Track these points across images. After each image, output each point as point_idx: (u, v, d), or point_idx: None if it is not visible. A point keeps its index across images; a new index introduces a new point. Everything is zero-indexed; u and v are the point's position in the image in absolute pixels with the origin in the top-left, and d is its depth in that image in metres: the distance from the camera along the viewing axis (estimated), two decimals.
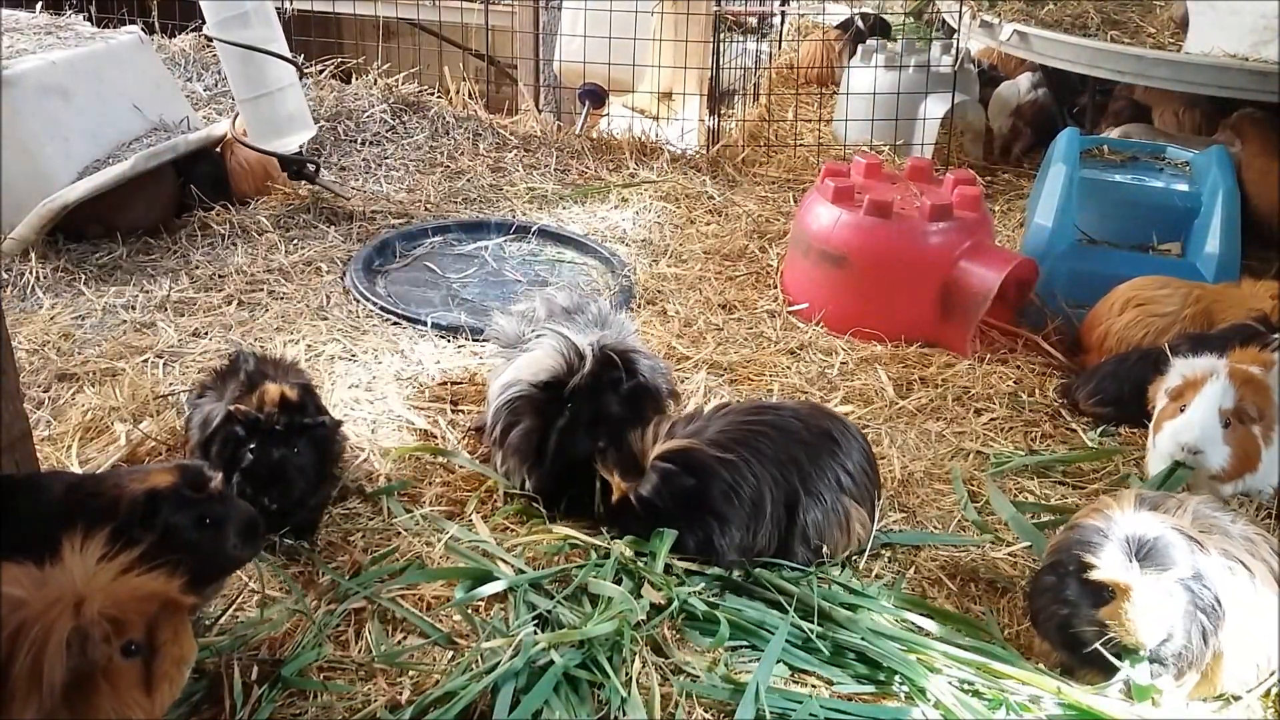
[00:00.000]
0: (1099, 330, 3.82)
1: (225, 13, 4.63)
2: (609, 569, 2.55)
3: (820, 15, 9.17)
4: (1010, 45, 5.51)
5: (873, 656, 2.37)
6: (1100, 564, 2.24)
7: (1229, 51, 4.81)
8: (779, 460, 2.69)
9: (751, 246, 4.82)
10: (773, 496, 2.64)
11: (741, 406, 2.90)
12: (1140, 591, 2.20)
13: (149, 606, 1.81)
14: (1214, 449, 2.96)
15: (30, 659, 1.66)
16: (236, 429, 2.60)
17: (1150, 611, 2.20)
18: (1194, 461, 2.98)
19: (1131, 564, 2.22)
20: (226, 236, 4.62)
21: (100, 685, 1.72)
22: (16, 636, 1.67)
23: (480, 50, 7.24)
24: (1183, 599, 2.23)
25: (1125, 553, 2.24)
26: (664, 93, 6.21)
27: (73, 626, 1.69)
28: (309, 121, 4.99)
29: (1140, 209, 4.50)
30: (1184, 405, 3.02)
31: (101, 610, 1.73)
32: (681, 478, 2.61)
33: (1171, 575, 2.21)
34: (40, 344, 3.65)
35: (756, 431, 2.72)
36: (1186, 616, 2.23)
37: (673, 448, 2.65)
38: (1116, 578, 2.22)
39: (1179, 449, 2.99)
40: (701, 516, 2.61)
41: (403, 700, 2.20)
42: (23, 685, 1.66)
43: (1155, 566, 2.22)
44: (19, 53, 4.64)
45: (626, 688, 2.19)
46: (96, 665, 1.71)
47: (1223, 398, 2.96)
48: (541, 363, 2.87)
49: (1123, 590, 2.22)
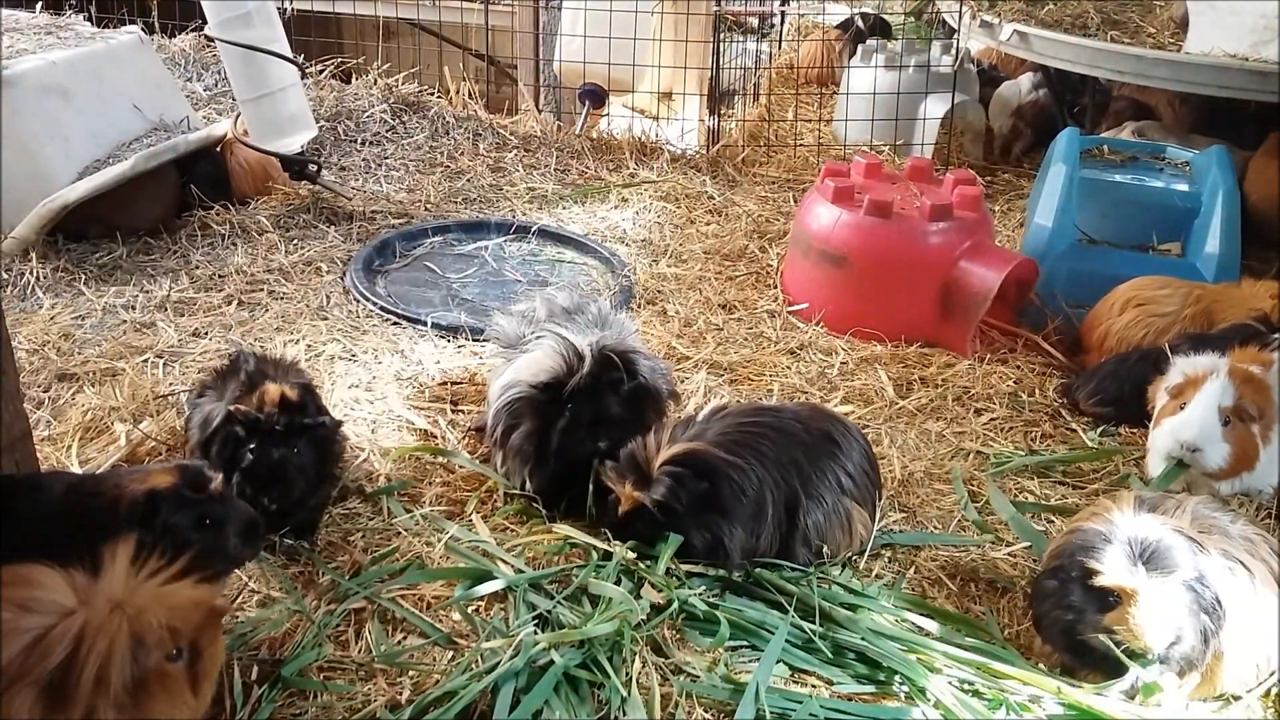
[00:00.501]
0: (1099, 330, 3.82)
1: (227, 13, 4.63)
2: (611, 570, 2.54)
3: (820, 15, 9.17)
4: (1010, 45, 5.50)
5: (873, 656, 2.37)
6: (1104, 569, 2.23)
7: (1229, 51, 4.81)
8: (780, 462, 2.68)
9: (751, 246, 4.82)
10: (774, 499, 2.64)
11: (739, 409, 2.88)
12: (1147, 596, 2.19)
13: (197, 614, 1.88)
14: (1213, 447, 2.96)
15: (95, 667, 1.71)
16: (236, 429, 2.60)
17: (1158, 615, 2.19)
18: (1192, 459, 2.98)
19: (1136, 568, 2.21)
20: (226, 236, 4.62)
21: (154, 690, 1.78)
22: (78, 646, 1.72)
23: (480, 50, 7.24)
24: (1186, 600, 2.22)
25: (1129, 556, 2.23)
26: (664, 93, 6.21)
27: (131, 634, 1.74)
28: (310, 121, 4.99)
29: (1140, 209, 4.50)
30: (1184, 403, 3.02)
31: (160, 619, 1.79)
32: (694, 481, 2.58)
33: (1177, 578, 2.21)
34: (40, 344, 3.65)
35: (757, 434, 2.72)
36: (1190, 616, 2.22)
37: (680, 452, 2.63)
38: (1122, 583, 2.21)
39: (1177, 446, 2.99)
40: (712, 518, 2.59)
41: (403, 700, 2.20)
42: (86, 691, 1.71)
43: (1160, 569, 2.21)
44: (19, 53, 4.64)
45: (626, 688, 2.19)
46: (150, 671, 1.77)
47: (1222, 396, 2.96)
48: (541, 364, 2.87)
49: (1129, 595, 2.21)
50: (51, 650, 1.71)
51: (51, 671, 1.70)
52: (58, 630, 1.73)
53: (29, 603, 1.76)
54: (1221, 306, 3.68)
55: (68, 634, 1.72)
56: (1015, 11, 5.78)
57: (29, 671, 1.70)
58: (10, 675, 1.69)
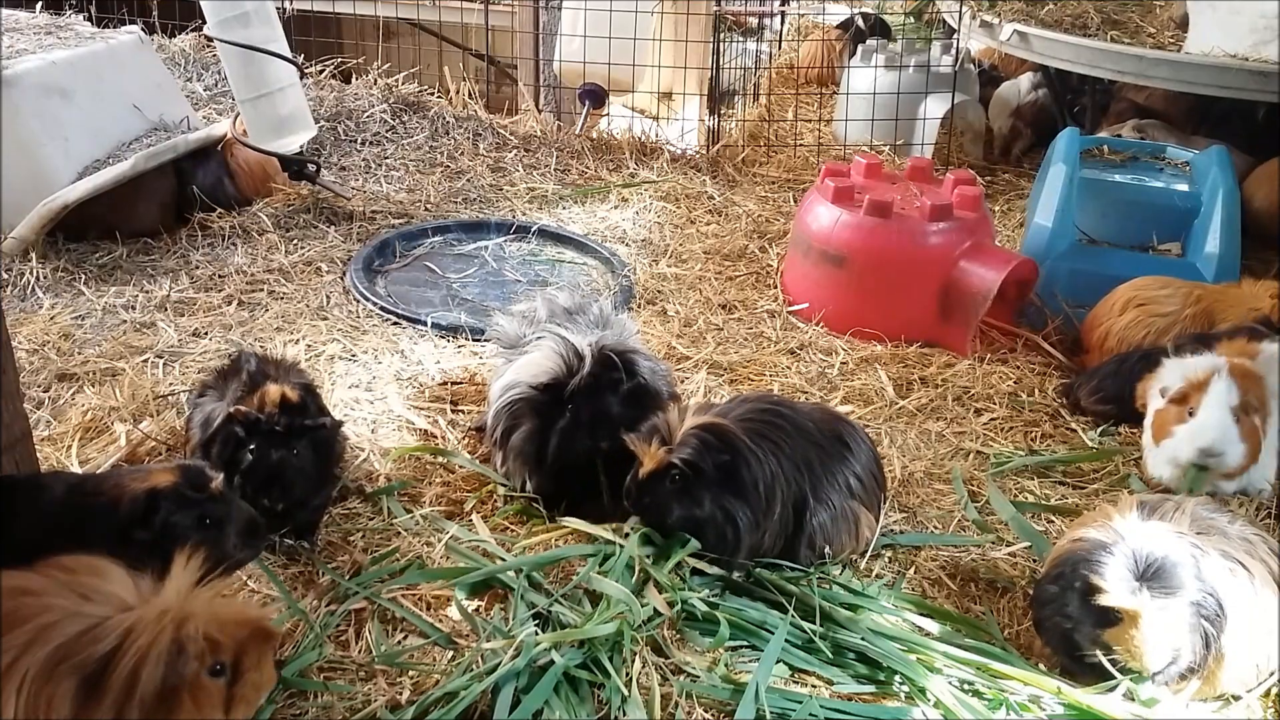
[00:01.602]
0: (1100, 330, 3.82)
1: (226, 13, 4.63)
2: (619, 562, 2.52)
3: (820, 15, 9.17)
4: (1010, 45, 5.50)
5: (873, 657, 2.37)
6: (1108, 587, 2.19)
7: (1229, 51, 4.81)
8: (795, 462, 2.66)
9: (751, 246, 4.83)
10: (783, 498, 2.63)
11: (758, 394, 2.85)
12: (1150, 619, 2.17)
13: (242, 632, 1.87)
14: (1233, 447, 2.98)
15: (131, 664, 1.72)
16: (236, 429, 2.60)
17: (1159, 639, 2.18)
18: (1215, 463, 2.98)
19: (1140, 590, 2.18)
20: (226, 236, 4.62)
21: (184, 700, 1.78)
22: (124, 641, 1.73)
23: (480, 50, 7.24)
24: (1189, 616, 2.20)
25: (1132, 572, 2.19)
26: (664, 93, 6.21)
27: (171, 639, 1.75)
28: (309, 122, 4.99)
29: (1140, 209, 4.50)
30: (1192, 408, 3.01)
31: (201, 629, 1.79)
32: (718, 451, 2.56)
33: (1181, 599, 2.18)
34: (40, 344, 3.65)
35: (778, 426, 2.70)
36: (1192, 630, 2.21)
37: (705, 422, 2.61)
38: (1125, 605, 2.18)
39: (1199, 454, 2.98)
40: (728, 497, 2.57)
41: (403, 700, 2.20)
42: (117, 686, 1.72)
43: (1163, 590, 2.18)
44: (19, 53, 4.63)
45: (627, 688, 2.19)
46: (185, 680, 1.77)
47: (1229, 395, 2.96)
48: (540, 365, 2.87)
49: (1131, 617, 2.19)
50: (99, 640, 1.73)
51: (95, 662, 1.72)
52: (111, 622, 1.75)
53: (92, 592, 1.80)
54: (1222, 306, 3.68)
55: (118, 628, 1.74)
56: (1015, 11, 5.78)
57: (74, 656, 1.72)
58: (59, 656, 1.72)
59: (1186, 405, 3.03)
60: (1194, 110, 5.76)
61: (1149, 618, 2.18)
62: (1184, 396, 3.04)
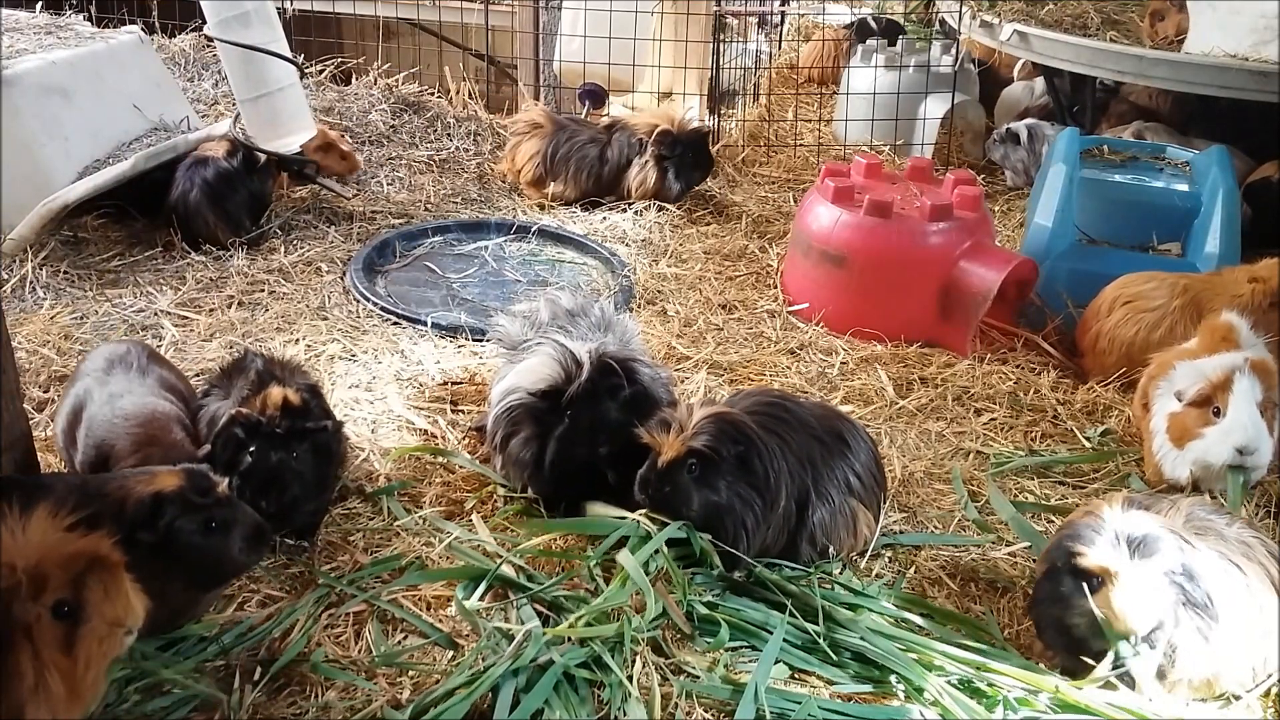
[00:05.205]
0: (1090, 334, 3.81)
1: (226, 13, 4.63)
2: (649, 546, 2.50)
3: (820, 15, 9.16)
4: (1010, 45, 5.51)
5: (872, 657, 2.37)
6: (1087, 550, 2.27)
7: (1229, 51, 4.81)
8: (799, 458, 2.67)
9: (751, 246, 4.83)
10: (787, 492, 2.63)
11: (760, 389, 2.85)
12: (1127, 576, 2.22)
13: (74, 564, 1.74)
14: (1265, 444, 2.98)
15: None
16: (237, 431, 2.59)
17: (1138, 595, 2.22)
18: (1251, 461, 2.97)
19: (1119, 547, 2.24)
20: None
21: (22, 644, 1.68)
22: None
23: (480, 50, 7.24)
24: (1171, 592, 2.24)
25: (1113, 543, 2.26)
26: (664, 93, 6.21)
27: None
28: (309, 122, 4.99)
29: (1140, 209, 4.49)
30: (1217, 408, 3.01)
31: (22, 565, 1.68)
32: (732, 442, 2.56)
33: (1158, 562, 2.23)
34: (40, 344, 3.65)
35: (782, 420, 2.71)
36: (1176, 607, 2.23)
37: (717, 412, 2.61)
38: (1103, 563, 2.25)
39: (1235, 454, 2.97)
40: (742, 486, 2.58)
41: (403, 700, 2.20)
42: None
43: (1141, 554, 2.24)
44: (19, 53, 4.63)
45: (627, 688, 2.19)
46: (18, 624, 1.67)
47: (1254, 391, 2.97)
48: (539, 371, 2.85)
49: (1110, 575, 2.24)
50: None
51: None
52: None
53: None
54: (1209, 295, 3.65)
55: None
56: (1015, 11, 5.78)
57: None
58: None
59: (1209, 406, 3.02)
60: (1195, 113, 5.75)
61: (1126, 575, 2.22)
62: (1206, 399, 3.03)
